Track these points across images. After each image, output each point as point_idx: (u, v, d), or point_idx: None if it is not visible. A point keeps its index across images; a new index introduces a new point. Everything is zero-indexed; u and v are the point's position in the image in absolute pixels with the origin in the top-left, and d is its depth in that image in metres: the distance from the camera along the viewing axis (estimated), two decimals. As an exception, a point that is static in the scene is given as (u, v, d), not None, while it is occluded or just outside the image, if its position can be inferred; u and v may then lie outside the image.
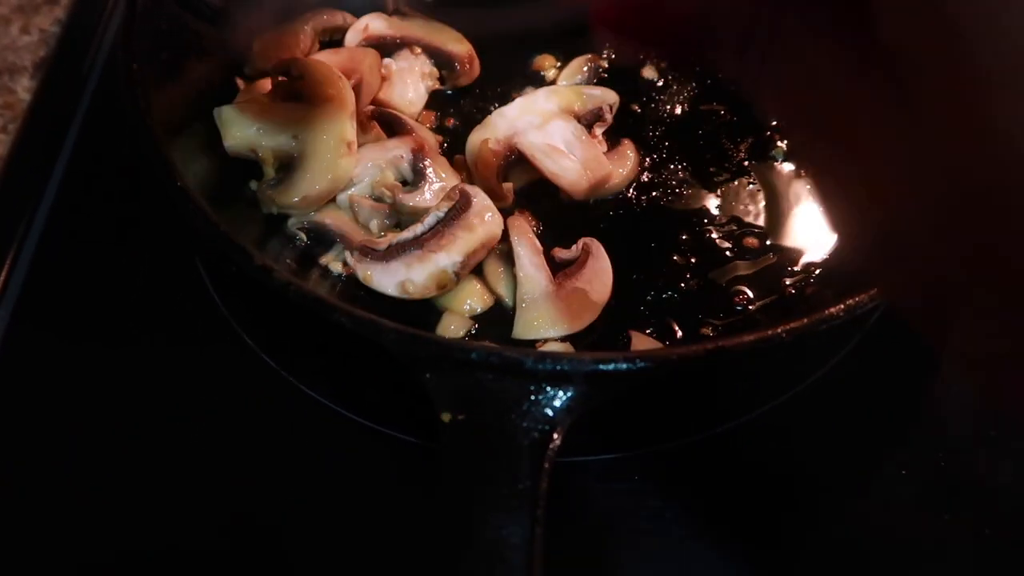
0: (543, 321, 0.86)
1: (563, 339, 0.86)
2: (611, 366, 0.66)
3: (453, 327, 0.87)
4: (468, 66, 1.04)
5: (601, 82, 1.05)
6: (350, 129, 0.90)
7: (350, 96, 0.91)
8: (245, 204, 0.92)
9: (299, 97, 0.91)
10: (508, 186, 0.95)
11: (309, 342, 0.90)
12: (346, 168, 0.89)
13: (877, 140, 0.40)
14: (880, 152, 0.40)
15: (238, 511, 0.82)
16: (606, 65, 1.07)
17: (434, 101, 1.04)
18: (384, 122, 0.97)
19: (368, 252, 0.86)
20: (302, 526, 0.81)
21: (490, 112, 0.99)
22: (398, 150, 0.94)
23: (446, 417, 0.66)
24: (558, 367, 0.66)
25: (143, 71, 0.86)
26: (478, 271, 0.90)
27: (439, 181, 0.93)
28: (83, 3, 1.16)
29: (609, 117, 1.00)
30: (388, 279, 0.85)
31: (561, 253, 0.91)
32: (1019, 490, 0.83)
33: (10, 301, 0.96)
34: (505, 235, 0.90)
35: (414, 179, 0.94)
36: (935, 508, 0.81)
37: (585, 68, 1.06)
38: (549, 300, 0.87)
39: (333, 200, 0.92)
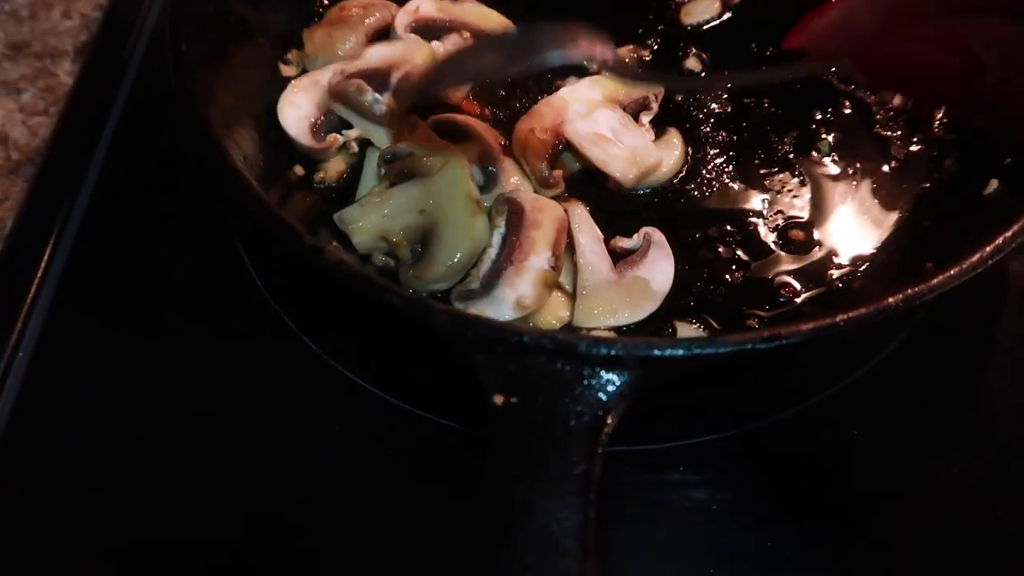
0: (603, 309, 0.86)
1: (610, 328, 0.85)
2: (666, 352, 0.66)
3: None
4: None
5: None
6: (473, 187, 0.88)
7: (463, 157, 0.89)
8: (290, 188, 0.92)
9: (414, 174, 0.89)
10: (558, 173, 0.94)
11: (355, 325, 0.90)
12: (481, 226, 0.86)
13: None
14: None
15: (282, 496, 0.82)
16: (648, 56, 1.06)
17: (479, 90, 1.04)
18: (445, 130, 0.95)
19: (467, 295, 0.84)
20: (346, 511, 0.81)
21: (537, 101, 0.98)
22: (466, 155, 0.92)
23: (498, 400, 0.65)
24: (612, 352, 0.65)
25: (191, 52, 0.86)
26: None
27: (510, 181, 0.93)
28: None
29: (655, 105, 0.99)
30: (503, 307, 0.83)
31: (622, 242, 0.90)
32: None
33: (52, 284, 0.96)
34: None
35: (485, 183, 0.93)
36: (987, 505, 0.80)
37: (627, 59, 1.05)
38: (610, 288, 0.86)
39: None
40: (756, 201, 0.95)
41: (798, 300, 0.87)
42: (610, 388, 0.65)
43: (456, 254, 0.85)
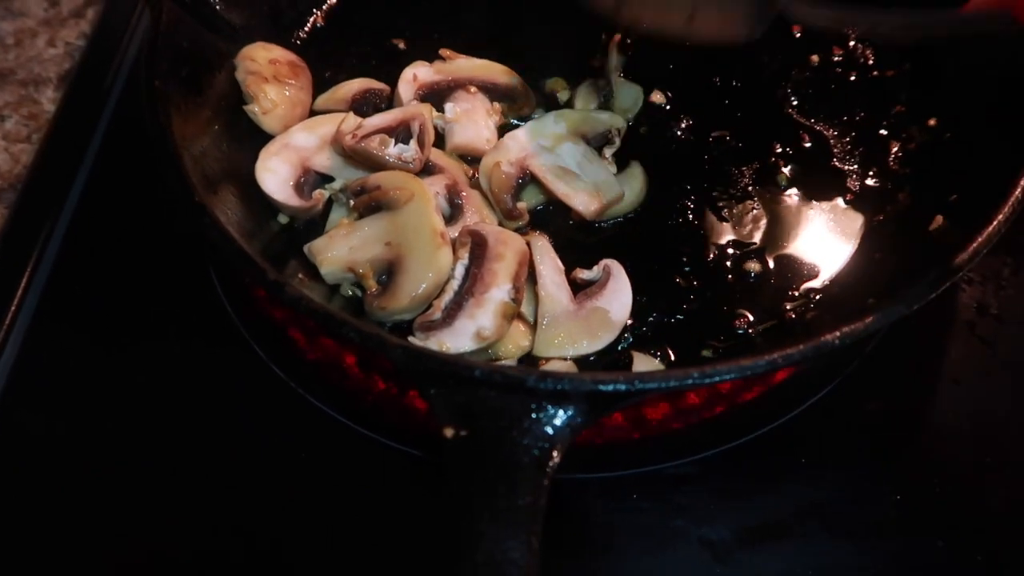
0: (563, 339, 0.88)
1: (569, 358, 0.88)
2: (610, 387, 0.68)
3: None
4: (525, 95, 1.05)
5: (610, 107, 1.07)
6: (438, 220, 0.90)
7: (429, 190, 0.92)
8: (264, 219, 0.95)
9: (381, 207, 0.92)
10: (522, 205, 0.97)
11: (317, 353, 0.93)
12: (444, 259, 0.88)
13: None
14: None
15: (238, 518, 0.85)
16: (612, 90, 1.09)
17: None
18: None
19: (428, 326, 0.86)
20: (303, 534, 0.83)
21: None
22: (433, 187, 0.95)
23: (448, 432, 0.68)
24: (559, 386, 0.68)
25: (165, 87, 0.89)
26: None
27: (474, 214, 0.96)
28: (108, 18, 1.19)
29: (618, 140, 1.02)
30: (461, 338, 0.85)
31: (582, 273, 0.93)
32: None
33: (31, 306, 0.99)
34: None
35: (452, 214, 0.96)
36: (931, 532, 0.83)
37: (594, 91, 1.08)
38: (569, 319, 0.89)
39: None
40: (715, 233, 0.97)
41: (752, 332, 0.90)
42: (557, 422, 0.68)
43: (420, 285, 0.88)
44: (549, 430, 0.68)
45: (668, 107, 1.08)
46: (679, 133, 1.05)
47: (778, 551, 0.83)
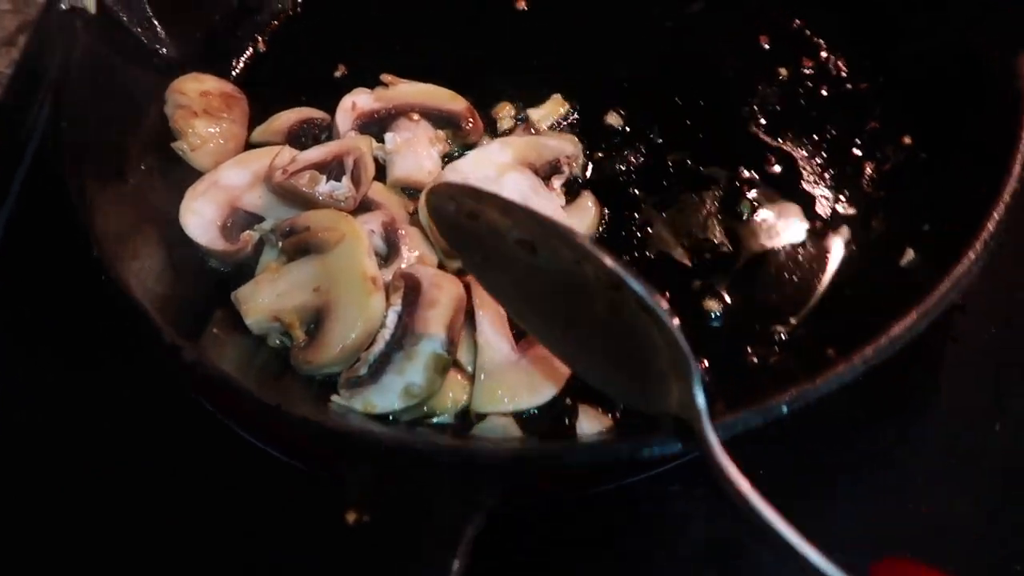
0: (503, 392, 0.81)
1: (510, 413, 0.81)
2: (525, 459, 0.62)
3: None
4: (472, 122, 0.98)
5: (564, 129, 1.00)
6: (371, 264, 0.83)
7: (361, 230, 0.85)
8: (193, 264, 0.89)
9: (310, 250, 0.86)
10: (464, 244, 0.90)
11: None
12: (376, 305, 0.82)
13: None
14: None
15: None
16: (564, 112, 1.02)
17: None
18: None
19: (354, 383, 0.80)
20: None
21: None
22: (369, 224, 0.89)
23: (351, 518, 0.61)
24: (472, 460, 0.62)
25: (77, 134, 0.83)
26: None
27: (412, 252, 0.89)
28: (38, 46, 1.13)
29: (567, 169, 0.95)
30: (389, 395, 0.78)
31: None
32: None
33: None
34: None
35: (388, 253, 0.89)
36: None
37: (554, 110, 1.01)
38: (511, 369, 0.82)
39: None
40: (672, 269, 0.90)
41: (707, 379, 0.82)
42: (466, 503, 0.61)
43: (349, 335, 0.81)
44: (461, 507, 0.61)
45: (625, 129, 1.00)
46: (636, 158, 0.98)
47: None
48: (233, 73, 1.08)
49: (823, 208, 0.93)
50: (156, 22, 0.99)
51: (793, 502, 0.76)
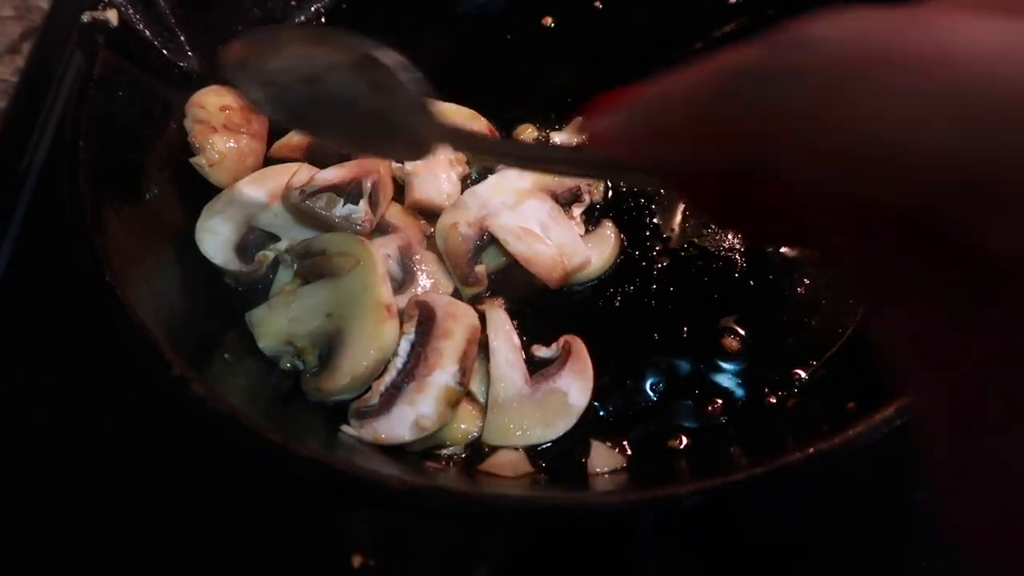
0: (515, 425, 0.80)
1: (522, 447, 0.80)
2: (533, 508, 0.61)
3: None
4: None
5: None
6: (386, 291, 0.82)
7: (377, 255, 0.84)
8: (210, 283, 0.88)
9: (324, 273, 0.85)
10: (480, 270, 0.89)
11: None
12: (390, 335, 0.81)
13: None
14: None
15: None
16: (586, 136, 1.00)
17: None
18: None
19: (364, 413, 0.78)
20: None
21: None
22: (385, 248, 0.88)
23: (356, 561, 0.61)
24: (479, 508, 0.60)
25: (90, 149, 0.82)
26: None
27: (428, 279, 0.88)
28: (43, 54, 1.13)
29: (587, 197, 0.93)
30: (400, 427, 0.77)
31: (539, 351, 0.85)
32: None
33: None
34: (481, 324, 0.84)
35: (403, 278, 0.88)
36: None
37: (572, 140, 0.99)
38: (523, 402, 0.81)
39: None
40: (693, 303, 0.88)
41: (724, 420, 0.81)
42: (475, 546, 0.60)
43: (361, 363, 0.80)
44: (466, 557, 0.60)
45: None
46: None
47: None
48: (255, 86, 1.07)
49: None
50: (179, 34, 0.98)
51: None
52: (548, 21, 1.10)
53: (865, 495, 0.83)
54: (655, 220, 0.94)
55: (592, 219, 0.94)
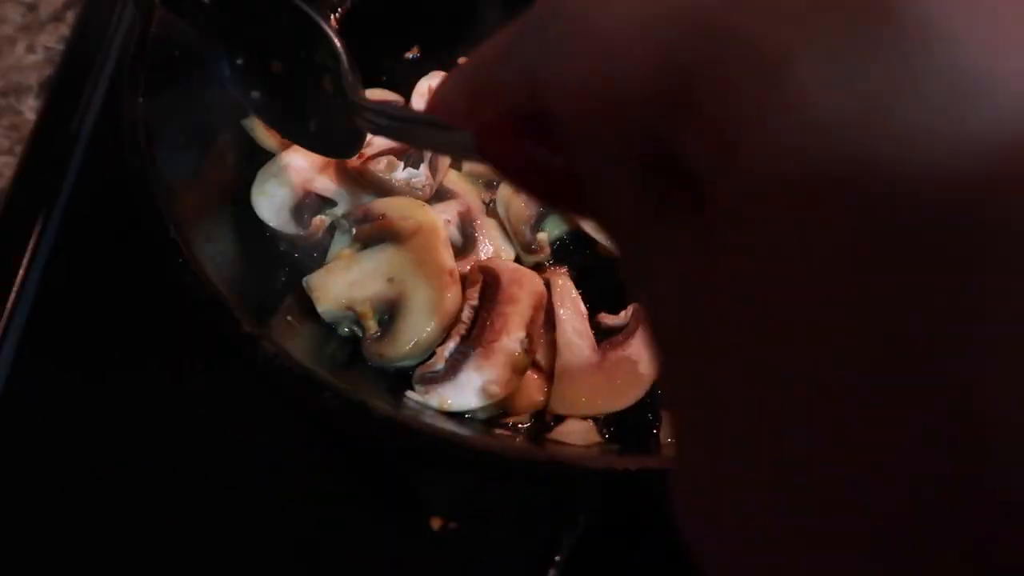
0: (583, 395, 0.78)
1: (589, 417, 0.78)
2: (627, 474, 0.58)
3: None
4: None
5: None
6: (448, 256, 0.81)
7: (438, 220, 0.82)
8: (263, 246, 0.86)
9: (385, 238, 0.83)
10: (543, 237, 0.87)
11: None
12: (453, 300, 0.79)
13: None
14: None
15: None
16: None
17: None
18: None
19: (430, 379, 0.76)
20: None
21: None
22: (445, 214, 0.86)
23: (436, 524, 0.59)
24: (569, 472, 0.58)
25: (147, 111, 0.80)
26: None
27: (489, 245, 0.87)
28: (88, 19, 1.11)
29: (653, 163, 0.91)
30: (467, 394, 0.75)
31: (608, 319, 0.82)
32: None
33: (17, 328, 0.91)
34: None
35: (464, 244, 0.86)
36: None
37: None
38: (591, 372, 0.79)
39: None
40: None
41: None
42: (561, 512, 0.58)
43: (424, 329, 0.78)
44: (551, 523, 0.58)
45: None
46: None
47: None
48: (305, 51, 1.05)
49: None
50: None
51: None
52: None
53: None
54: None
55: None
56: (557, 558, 0.56)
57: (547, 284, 0.83)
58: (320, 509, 0.76)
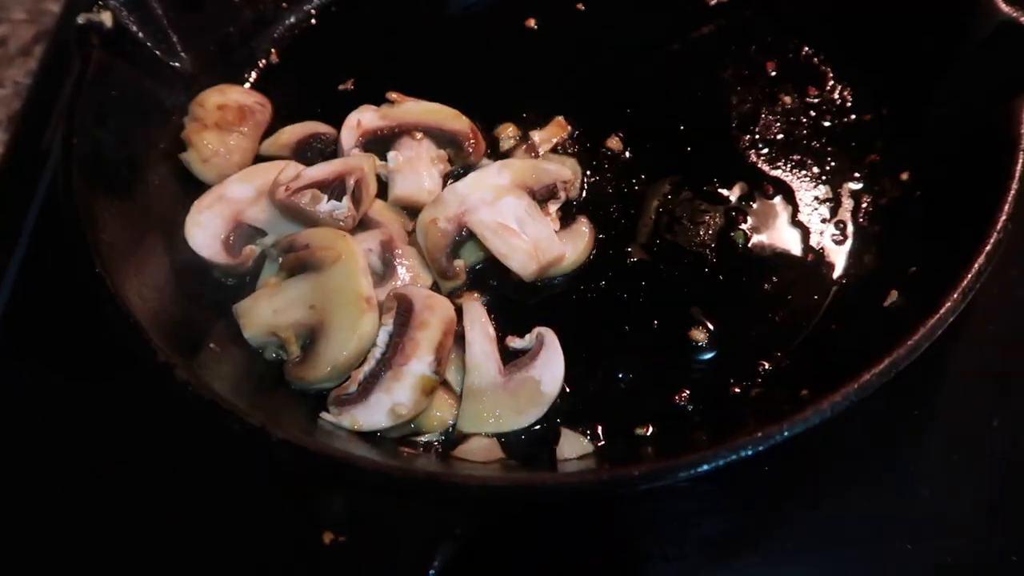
0: (489, 413, 0.84)
1: (494, 434, 0.83)
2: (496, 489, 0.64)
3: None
4: (474, 142, 1.00)
5: (563, 153, 1.02)
6: (365, 284, 0.85)
7: (358, 250, 0.87)
8: (200, 276, 0.92)
9: (308, 267, 0.88)
10: (459, 264, 0.92)
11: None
12: (369, 325, 0.84)
13: None
14: None
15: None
16: (565, 135, 1.03)
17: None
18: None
19: (343, 400, 0.82)
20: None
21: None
22: (367, 243, 0.91)
23: (327, 538, 0.64)
24: (445, 490, 0.64)
25: (83, 149, 0.86)
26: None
27: (407, 272, 0.92)
28: (56, 55, 1.17)
29: (563, 194, 0.96)
30: (376, 414, 0.81)
31: (513, 342, 0.88)
32: None
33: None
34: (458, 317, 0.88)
35: (384, 272, 0.91)
36: None
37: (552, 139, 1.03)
38: (497, 391, 0.84)
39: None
40: (662, 296, 0.91)
41: (690, 409, 0.84)
42: (441, 526, 0.64)
43: (341, 353, 0.84)
44: (432, 534, 0.64)
45: (626, 154, 1.01)
46: (633, 183, 0.99)
47: None
48: (246, 84, 1.11)
49: (817, 240, 0.94)
50: (172, 35, 1.01)
51: (792, 486, 0.76)
52: (532, 23, 1.13)
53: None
54: (630, 215, 0.97)
55: (568, 215, 0.97)
56: (432, 572, 0.61)
57: (460, 309, 0.88)
58: (225, 521, 0.82)
